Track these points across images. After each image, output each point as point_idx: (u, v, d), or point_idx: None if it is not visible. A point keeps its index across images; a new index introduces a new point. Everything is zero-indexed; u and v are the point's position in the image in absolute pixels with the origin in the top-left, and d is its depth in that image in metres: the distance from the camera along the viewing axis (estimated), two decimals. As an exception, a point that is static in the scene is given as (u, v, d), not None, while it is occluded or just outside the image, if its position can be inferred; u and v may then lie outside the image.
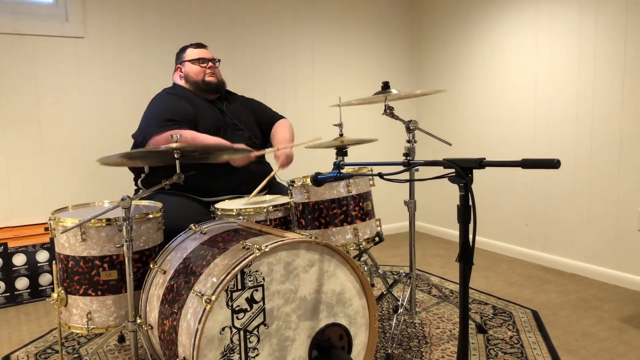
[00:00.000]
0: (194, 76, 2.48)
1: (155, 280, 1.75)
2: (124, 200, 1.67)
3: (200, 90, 2.48)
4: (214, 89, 2.49)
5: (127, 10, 3.14)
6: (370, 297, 1.68)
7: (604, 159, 2.89)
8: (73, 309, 1.85)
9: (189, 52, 2.53)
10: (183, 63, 2.52)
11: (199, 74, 2.47)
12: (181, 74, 2.53)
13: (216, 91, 2.51)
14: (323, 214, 1.99)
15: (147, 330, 1.73)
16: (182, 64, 2.52)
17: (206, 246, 1.67)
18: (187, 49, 2.55)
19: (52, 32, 2.94)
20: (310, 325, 1.56)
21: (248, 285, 1.45)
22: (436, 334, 2.27)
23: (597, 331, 2.29)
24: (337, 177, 1.50)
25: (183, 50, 2.57)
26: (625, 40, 2.74)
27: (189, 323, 1.44)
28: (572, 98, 3.03)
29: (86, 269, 1.81)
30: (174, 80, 2.57)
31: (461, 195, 1.12)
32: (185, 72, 2.51)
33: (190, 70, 2.49)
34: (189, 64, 2.50)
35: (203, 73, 2.47)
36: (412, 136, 2.17)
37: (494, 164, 1.06)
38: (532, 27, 3.24)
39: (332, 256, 1.60)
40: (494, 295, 2.76)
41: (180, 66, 2.54)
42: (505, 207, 3.54)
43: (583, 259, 3.06)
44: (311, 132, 3.79)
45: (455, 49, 3.85)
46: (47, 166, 2.99)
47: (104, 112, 3.12)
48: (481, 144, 3.68)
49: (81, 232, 1.79)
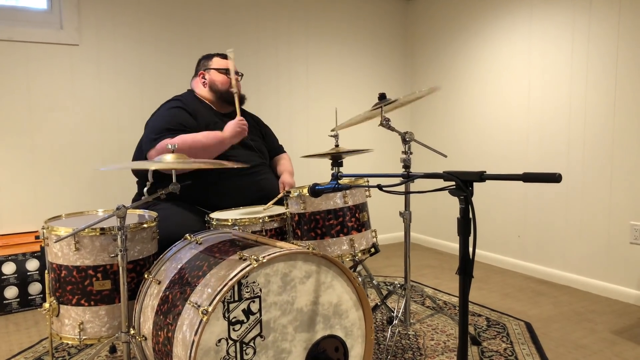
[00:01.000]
0: (220, 85, 2.47)
1: (149, 291, 1.73)
2: (119, 210, 1.66)
3: (222, 99, 2.47)
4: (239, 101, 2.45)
5: (123, 18, 3.13)
6: (366, 309, 1.68)
7: (596, 171, 2.92)
8: (65, 319, 1.82)
9: (215, 60, 2.51)
10: (208, 70, 2.50)
11: (225, 84, 2.46)
12: (204, 80, 2.51)
13: (237, 103, 2.46)
14: (319, 225, 1.99)
15: (141, 341, 1.71)
16: (207, 71, 2.50)
17: (202, 256, 1.66)
18: (214, 57, 2.53)
19: (46, 39, 2.92)
20: (307, 337, 1.55)
21: (245, 297, 1.44)
22: (430, 346, 2.27)
23: (590, 343, 2.30)
24: (336, 188, 1.50)
25: (208, 57, 2.54)
26: (617, 46, 2.78)
27: (184, 334, 1.43)
28: (564, 108, 3.07)
29: (79, 278, 1.79)
30: (193, 87, 2.55)
31: (461, 207, 1.12)
32: (210, 80, 2.49)
33: (217, 78, 2.47)
34: (215, 72, 2.48)
35: (229, 84, 2.45)
36: (408, 147, 2.18)
37: (495, 177, 1.07)
38: (525, 34, 3.28)
39: (329, 267, 1.59)
40: (488, 307, 2.76)
41: (204, 72, 2.51)
42: (498, 218, 3.56)
43: (575, 271, 3.07)
44: (305, 143, 3.80)
45: (449, 58, 3.88)
46: (39, 174, 2.96)
47: (99, 120, 3.10)
48: (474, 154, 3.70)
49: (75, 241, 1.77)
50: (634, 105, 2.72)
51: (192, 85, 2.56)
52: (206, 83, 2.50)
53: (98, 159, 3.10)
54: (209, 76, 2.49)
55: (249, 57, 3.57)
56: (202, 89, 2.51)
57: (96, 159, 3.10)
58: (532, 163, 3.29)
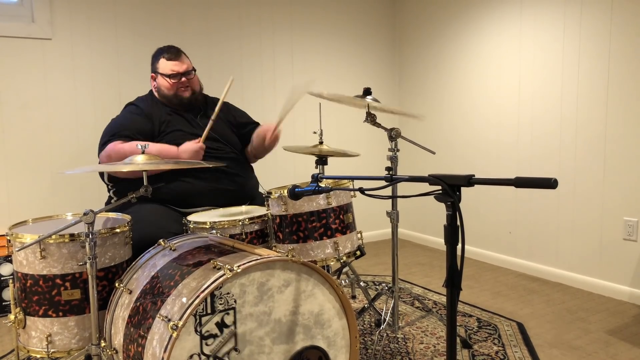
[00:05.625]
0: (165, 91, 2.37)
1: (120, 301, 1.63)
2: (86, 215, 1.55)
3: (172, 104, 2.38)
4: (187, 104, 2.38)
5: (98, 10, 3.00)
6: (350, 317, 1.59)
7: (589, 165, 2.85)
8: (32, 331, 1.72)
9: (162, 64, 2.37)
10: (157, 74, 2.40)
11: (171, 90, 2.36)
12: (154, 83, 2.42)
13: (189, 105, 2.40)
14: (302, 227, 1.89)
15: (112, 354, 1.61)
16: (156, 75, 2.40)
17: (175, 264, 1.56)
18: (161, 59, 2.38)
19: (17, 33, 2.79)
20: (286, 349, 1.46)
21: (218, 309, 1.34)
22: (420, 350, 2.19)
23: (584, 344, 2.23)
24: (315, 190, 1.40)
25: (157, 57, 2.41)
26: (610, 40, 2.69)
27: (154, 350, 1.33)
28: (556, 104, 2.98)
29: (46, 288, 1.68)
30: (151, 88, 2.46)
31: (448, 214, 1.03)
32: (158, 84, 2.40)
33: (161, 83, 2.37)
34: (161, 77, 2.37)
35: (175, 88, 2.35)
36: (394, 145, 2.08)
37: (485, 181, 0.98)
38: (515, 30, 3.18)
39: (310, 275, 1.50)
40: (479, 307, 2.68)
41: (154, 75, 2.42)
42: (489, 214, 3.48)
43: (568, 267, 3.01)
44: (292, 137, 3.69)
45: (437, 54, 3.78)
46: (11, 174, 2.84)
47: (73, 117, 2.97)
48: (463, 152, 3.62)
49: (40, 248, 1.66)
50: (627, 99, 2.64)
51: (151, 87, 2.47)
52: (155, 86, 2.42)
53: (73, 158, 2.98)
54: (157, 81, 2.40)
55: (233, 52, 3.45)
56: (154, 91, 2.44)
57: (71, 158, 2.97)
58: (523, 159, 3.21)
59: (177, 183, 2.19)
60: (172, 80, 2.34)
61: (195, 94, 2.41)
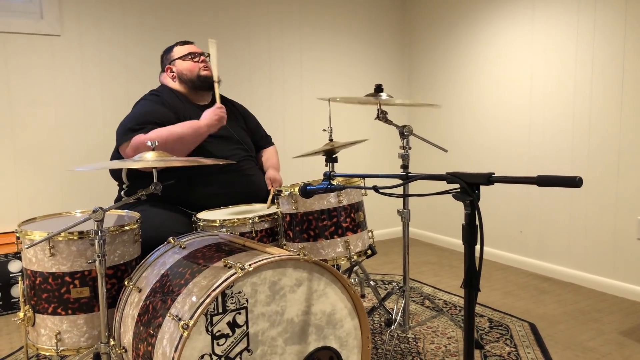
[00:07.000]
0: (188, 73, 2.31)
1: (130, 299, 1.62)
2: (95, 212, 1.53)
3: (196, 87, 2.32)
4: (211, 84, 2.30)
5: (106, 6, 2.98)
6: (362, 317, 1.56)
7: (602, 163, 2.80)
8: (41, 329, 1.70)
9: (176, 50, 2.37)
10: (173, 62, 2.35)
11: (194, 69, 2.31)
12: (173, 74, 2.35)
13: (210, 88, 2.33)
14: (312, 226, 1.87)
15: (121, 353, 1.60)
16: (172, 64, 2.35)
17: (185, 262, 1.54)
18: (174, 48, 2.38)
19: (26, 29, 2.78)
20: (298, 350, 1.44)
21: (230, 308, 1.32)
22: (431, 350, 2.16)
23: (598, 346, 2.20)
24: (328, 189, 1.38)
25: (169, 50, 2.40)
26: (625, 34, 2.65)
27: (164, 349, 1.31)
28: (569, 99, 2.94)
29: (55, 285, 1.67)
30: (163, 82, 2.40)
31: (467, 213, 1.00)
32: (178, 71, 2.34)
33: (182, 67, 2.32)
34: (180, 61, 2.33)
35: (197, 68, 2.32)
36: (406, 142, 2.05)
37: (505, 179, 0.95)
38: (527, 28, 3.14)
39: (322, 274, 1.47)
40: (490, 307, 2.65)
41: (170, 66, 2.37)
42: (499, 213, 3.44)
43: (580, 267, 2.96)
44: (300, 136, 3.67)
45: (447, 52, 3.75)
46: (21, 171, 2.83)
47: (82, 114, 2.96)
48: (475, 149, 3.58)
49: (49, 246, 1.65)
50: (643, 95, 2.60)
51: (162, 81, 2.40)
52: (175, 76, 2.35)
53: (81, 154, 2.97)
54: (176, 68, 2.34)
55: (241, 49, 3.43)
56: (173, 83, 2.36)
57: (80, 155, 2.96)
58: (535, 158, 3.16)
59: (185, 181, 2.16)
60: (194, 60, 2.32)
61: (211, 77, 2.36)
